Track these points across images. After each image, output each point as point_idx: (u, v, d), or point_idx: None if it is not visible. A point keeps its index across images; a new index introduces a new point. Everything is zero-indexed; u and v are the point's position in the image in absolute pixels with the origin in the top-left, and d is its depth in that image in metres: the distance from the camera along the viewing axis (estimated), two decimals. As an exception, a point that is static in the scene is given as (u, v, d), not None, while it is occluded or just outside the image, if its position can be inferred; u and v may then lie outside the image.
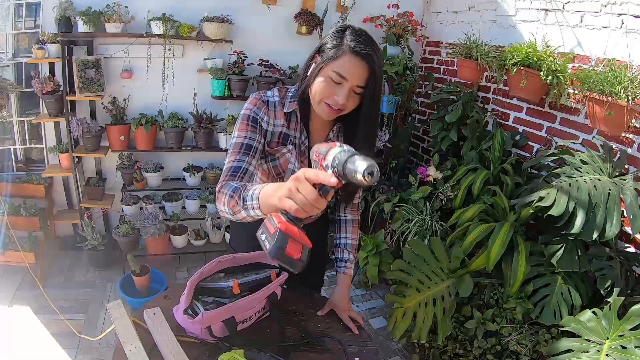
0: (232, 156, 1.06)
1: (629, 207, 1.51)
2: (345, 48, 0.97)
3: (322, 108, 1.03)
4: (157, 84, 2.67)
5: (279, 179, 1.15)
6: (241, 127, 1.09)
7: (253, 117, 1.10)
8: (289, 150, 1.13)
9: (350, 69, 0.97)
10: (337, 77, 0.98)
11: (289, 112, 1.12)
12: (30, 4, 2.47)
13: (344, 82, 0.98)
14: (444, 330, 1.77)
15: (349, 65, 0.97)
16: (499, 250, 1.72)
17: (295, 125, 1.13)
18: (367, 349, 1.08)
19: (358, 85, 0.99)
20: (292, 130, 1.14)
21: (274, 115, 1.12)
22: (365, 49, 0.97)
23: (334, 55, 0.98)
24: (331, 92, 1.00)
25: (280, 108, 1.12)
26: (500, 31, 2.44)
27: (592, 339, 1.41)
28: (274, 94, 1.13)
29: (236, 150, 1.06)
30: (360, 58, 0.96)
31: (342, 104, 1.00)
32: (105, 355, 1.99)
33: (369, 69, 0.97)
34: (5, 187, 2.45)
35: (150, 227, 2.52)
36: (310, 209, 0.72)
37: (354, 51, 0.96)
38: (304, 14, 2.73)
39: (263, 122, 1.10)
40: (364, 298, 2.69)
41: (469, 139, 2.40)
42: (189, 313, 1.01)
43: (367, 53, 0.97)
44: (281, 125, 1.12)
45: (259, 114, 1.10)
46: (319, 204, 0.72)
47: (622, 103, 1.60)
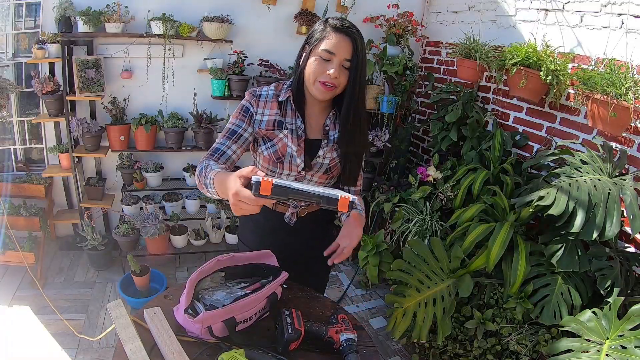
0: (219, 138, 1.20)
1: (629, 207, 1.51)
2: (328, 28, 1.12)
3: (317, 88, 1.14)
4: (157, 84, 2.67)
5: (279, 164, 1.22)
6: (234, 115, 1.23)
7: (246, 107, 1.22)
8: (285, 135, 1.20)
9: (336, 43, 1.10)
10: (326, 54, 1.11)
11: (283, 101, 1.21)
12: (30, 4, 2.47)
13: (332, 57, 1.11)
14: (444, 330, 1.77)
15: (334, 41, 1.10)
16: (499, 250, 1.72)
17: (291, 112, 1.21)
18: (367, 349, 1.08)
19: (346, 59, 1.11)
20: (289, 117, 1.21)
21: (265, 105, 1.22)
22: (346, 24, 1.11)
23: (320, 37, 1.12)
24: (323, 69, 1.11)
25: (274, 99, 1.22)
26: (500, 31, 2.44)
27: (592, 339, 1.41)
28: (270, 89, 1.24)
29: (223, 133, 1.21)
30: (343, 34, 1.10)
31: (335, 77, 1.10)
32: (105, 355, 1.99)
33: (352, 43, 1.10)
34: (5, 187, 2.45)
35: (150, 227, 2.52)
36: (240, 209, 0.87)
37: (336, 28, 1.11)
38: (303, 14, 2.73)
39: (255, 114, 1.21)
40: (364, 298, 2.69)
41: (469, 139, 2.40)
42: (189, 313, 1.01)
43: (348, 28, 1.11)
44: (275, 114, 1.21)
45: (251, 105, 1.22)
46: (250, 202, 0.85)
47: (627, 104, 1.60)
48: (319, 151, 1.23)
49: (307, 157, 1.22)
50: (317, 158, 1.23)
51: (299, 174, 1.23)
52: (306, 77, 1.15)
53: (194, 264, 2.84)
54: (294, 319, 1.00)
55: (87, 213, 2.61)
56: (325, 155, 1.23)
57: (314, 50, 1.13)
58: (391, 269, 1.98)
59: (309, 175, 1.24)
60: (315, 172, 1.24)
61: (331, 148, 1.24)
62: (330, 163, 1.24)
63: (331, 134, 1.24)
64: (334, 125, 1.24)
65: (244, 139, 1.20)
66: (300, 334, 0.98)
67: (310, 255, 1.32)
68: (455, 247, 1.86)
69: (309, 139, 1.23)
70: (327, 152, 1.23)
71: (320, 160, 1.23)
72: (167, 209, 2.76)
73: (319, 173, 1.25)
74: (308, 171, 1.23)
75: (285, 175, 1.23)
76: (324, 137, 1.24)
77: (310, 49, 1.14)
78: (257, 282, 1.13)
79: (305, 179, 1.24)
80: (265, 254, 1.21)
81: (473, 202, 2.09)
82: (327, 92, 1.14)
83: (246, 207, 0.85)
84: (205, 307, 1.02)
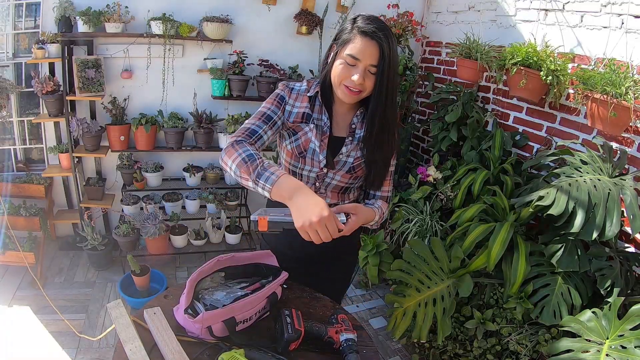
0: (253, 120, 1.16)
1: (629, 207, 1.51)
2: (355, 31, 1.07)
3: (342, 91, 1.11)
4: (157, 84, 2.67)
5: (301, 158, 1.21)
6: (268, 101, 1.21)
7: (282, 95, 1.22)
8: (310, 129, 1.19)
9: (362, 49, 1.05)
10: (351, 59, 1.07)
11: (312, 96, 1.21)
12: (30, 4, 2.47)
13: (357, 63, 1.07)
14: (444, 330, 1.77)
15: (360, 46, 1.06)
16: (499, 250, 1.72)
17: (319, 108, 1.21)
18: (367, 349, 1.08)
19: (372, 65, 1.07)
20: (316, 112, 1.21)
21: (296, 98, 1.22)
22: (373, 28, 1.05)
23: (347, 39, 1.08)
24: (348, 74, 1.08)
25: (305, 93, 1.22)
26: (500, 31, 2.44)
27: (592, 339, 1.41)
28: (302, 84, 1.24)
29: (257, 116, 1.17)
30: (369, 38, 1.05)
31: (359, 83, 1.07)
32: (105, 355, 1.99)
33: (379, 48, 1.05)
34: (5, 187, 2.45)
35: (150, 227, 2.52)
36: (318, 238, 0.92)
37: (362, 32, 1.06)
38: (303, 14, 2.73)
39: (287, 104, 1.21)
40: (364, 298, 2.69)
41: (469, 139, 2.40)
42: (189, 312, 1.01)
43: (374, 32, 1.04)
44: (304, 107, 1.21)
45: (285, 94, 1.22)
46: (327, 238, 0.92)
47: (627, 104, 1.60)
48: (342, 148, 1.21)
49: (330, 155, 1.20)
50: (340, 155, 1.20)
51: (320, 170, 1.20)
52: (332, 79, 1.13)
53: (194, 264, 2.84)
54: (294, 319, 1.00)
55: (87, 213, 2.61)
56: (349, 153, 1.21)
57: (340, 52, 1.10)
58: (391, 269, 1.98)
59: (331, 173, 1.22)
60: (338, 171, 1.21)
61: (356, 146, 1.21)
62: (354, 162, 1.21)
63: (357, 133, 1.22)
64: (361, 124, 1.22)
65: (277, 126, 1.19)
66: (300, 334, 0.98)
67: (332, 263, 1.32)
68: (455, 247, 1.86)
69: (334, 136, 1.22)
70: (351, 149, 1.21)
71: (344, 158, 1.21)
72: (167, 209, 2.76)
73: (341, 172, 1.22)
74: (330, 169, 1.21)
75: (307, 172, 1.21)
76: (350, 135, 1.22)
77: (337, 51, 1.11)
78: (257, 282, 1.13)
79: (328, 177, 1.22)
80: (266, 254, 1.20)
81: (473, 202, 2.09)
82: (352, 96, 1.11)
83: (324, 233, 0.89)
84: (205, 307, 1.02)
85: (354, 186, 1.28)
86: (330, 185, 1.24)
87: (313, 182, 1.23)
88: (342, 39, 1.10)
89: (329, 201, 1.27)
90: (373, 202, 1.27)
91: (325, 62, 1.17)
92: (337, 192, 1.26)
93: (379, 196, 1.29)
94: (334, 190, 1.25)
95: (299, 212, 0.91)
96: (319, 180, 1.23)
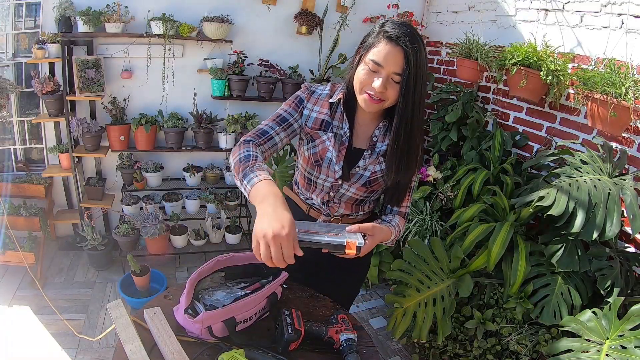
0: (268, 121, 1.14)
1: (629, 207, 1.51)
2: (381, 35, 1.00)
3: (363, 98, 1.05)
4: (157, 84, 2.67)
5: (317, 167, 1.17)
6: (287, 102, 1.18)
7: (301, 98, 1.18)
8: (328, 138, 1.14)
9: (385, 55, 0.99)
10: (374, 65, 1.00)
11: (334, 102, 1.14)
12: (30, 4, 2.47)
13: (380, 69, 1.00)
14: (444, 330, 1.77)
15: (383, 52, 0.99)
16: (499, 250, 1.72)
17: (340, 116, 1.15)
18: (367, 349, 1.08)
19: (395, 73, 0.99)
20: (337, 120, 1.15)
21: (316, 102, 1.16)
22: (399, 33, 0.97)
23: (372, 43, 1.02)
24: (370, 80, 1.02)
25: (326, 99, 1.16)
26: (500, 31, 2.44)
27: (592, 339, 1.41)
28: (325, 88, 1.18)
29: (273, 117, 1.15)
30: (394, 44, 0.98)
31: (380, 92, 1.01)
32: (105, 355, 1.98)
33: (404, 54, 0.97)
34: (5, 187, 2.45)
35: (150, 227, 2.51)
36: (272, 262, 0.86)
37: (388, 37, 0.98)
38: (304, 14, 2.73)
39: (305, 108, 1.17)
40: (364, 298, 2.69)
41: (469, 139, 2.41)
42: (189, 313, 1.01)
43: (400, 38, 0.97)
44: (324, 113, 1.15)
45: (304, 97, 1.17)
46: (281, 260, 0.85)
47: (627, 104, 1.60)
48: (359, 161, 1.14)
49: (346, 166, 1.14)
50: (357, 168, 1.15)
51: (335, 181, 1.16)
52: (355, 85, 1.07)
53: (194, 264, 2.84)
54: (294, 319, 1.00)
55: (87, 213, 2.61)
56: (367, 166, 1.15)
57: (364, 56, 1.03)
58: (391, 269, 1.98)
59: (346, 184, 1.16)
60: (353, 183, 1.16)
61: (375, 160, 1.14)
62: (372, 176, 1.15)
63: (378, 146, 1.15)
64: (383, 137, 1.15)
65: (292, 128, 1.15)
66: (300, 334, 0.98)
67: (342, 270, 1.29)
68: (455, 247, 1.86)
69: (354, 147, 1.16)
70: (369, 163, 1.14)
71: (360, 171, 1.15)
72: (167, 209, 2.76)
73: (357, 184, 1.16)
74: (345, 181, 1.16)
75: (322, 180, 1.18)
76: (369, 148, 1.15)
77: (362, 55, 1.04)
78: (257, 282, 1.13)
79: (343, 188, 1.17)
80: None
81: (473, 202, 2.09)
82: (373, 105, 1.04)
83: (277, 253, 0.83)
84: (205, 307, 1.02)
85: (369, 199, 1.23)
86: (344, 196, 1.20)
87: (327, 192, 1.19)
88: (367, 43, 1.03)
89: (342, 212, 1.23)
90: (390, 218, 1.20)
91: (350, 68, 1.11)
92: (351, 204, 1.22)
93: (396, 211, 1.22)
94: (348, 201, 1.21)
95: (259, 219, 0.86)
96: (333, 191, 1.18)
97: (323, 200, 1.22)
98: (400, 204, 1.21)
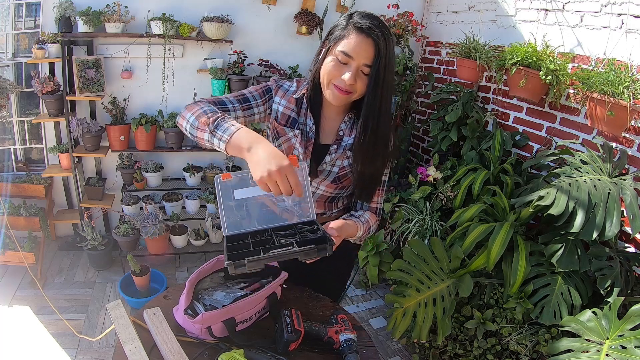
0: (229, 96, 1.09)
1: (629, 207, 1.51)
2: (350, 27, 0.98)
3: (331, 91, 1.03)
4: (157, 84, 2.67)
5: None
6: (254, 87, 1.14)
7: (269, 87, 1.14)
8: (295, 135, 1.12)
9: (355, 46, 0.97)
10: (343, 57, 0.98)
11: (299, 98, 1.12)
12: (30, 4, 2.47)
13: (350, 61, 0.98)
14: (444, 330, 1.77)
15: (354, 43, 0.97)
16: (499, 250, 1.72)
17: (305, 112, 1.12)
18: (367, 349, 1.08)
19: (365, 64, 0.98)
20: (302, 116, 1.12)
21: (283, 96, 1.14)
22: (370, 25, 0.96)
23: (340, 35, 0.99)
24: (338, 72, 0.99)
25: (292, 95, 1.14)
26: (500, 31, 2.44)
27: (592, 339, 1.41)
28: (292, 84, 1.16)
29: (236, 94, 1.10)
30: (364, 35, 0.96)
31: (350, 84, 0.99)
32: (105, 355, 1.99)
33: (374, 46, 0.96)
34: (5, 187, 2.45)
35: (150, 227, 2.52)
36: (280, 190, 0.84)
37: (358, 28, 0.97)
38: (304, 13, 2.73)
39: (274, 101, 1.14)
40: (364, 298, 2.69)
41: (469, 139, 2.40)
42: (189, 313, 1.01)
43: (371, 29, 0.96)
44: (291, 109, 1.13)
45: (272, 88, 1.14)
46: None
47: (625, 103, 1.60)
48: (325, 157, 1.12)
49: (314, 163, 1.12)
50: (324, 164, 1.12)
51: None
52: (321, 78, 1.04)
53: (194, 264, 2.84)
54: (293, 320, 1.00)
55: (87, 213, 2.61)
56: (334, 162, 1.13)
57: (332, 48, 1.00)
58: (391, 269, 1.98)
59: (315, 182, 1.15)
60: (322, 180, 1.14)
61: (342, 155, 1.12)
62: (340, 172, 1.13)
63: (345, 140, 1.13)
64: (349, 130, 1.13)
65: (251, 112, 1.11)
66: (300, 335, 0.98)
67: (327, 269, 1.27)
68: (455, 247, 1.86)
69: (320, 143, 1.13)
70: (337, 158, 1.12)
71: (328, 167, 1.13)
72: (167, 209, 2.76)
73: (326, 181, 1.15)
74: (314, 178, 1.14)
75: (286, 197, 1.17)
76: (335, 142, 1.13)
77: (329, 47, 1.02)
78: (256, 282, 1.13)
79: (312, 187, 1.15)
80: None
81: (473, 202, 2.09)
82: (341, 97, 1.02)
83: (284, 184, 0.82)
84: (205, 308, 1.02)
85: (341, 195, 1.21)
86: (315, 194, 1.18)
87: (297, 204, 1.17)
88: (335, 35, 1.01)
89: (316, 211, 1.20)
90: (360, 214, 1.18)
91: (315, 60, 1.08)
92: (323, 202, 1.20)
93: (367, 207, 1.20)
94: (319, 199, 1.19)
95: (257, 164, 0.84)
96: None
97: (290, 220, 1.16)
98: (370, 199, 1.19)
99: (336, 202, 1.23)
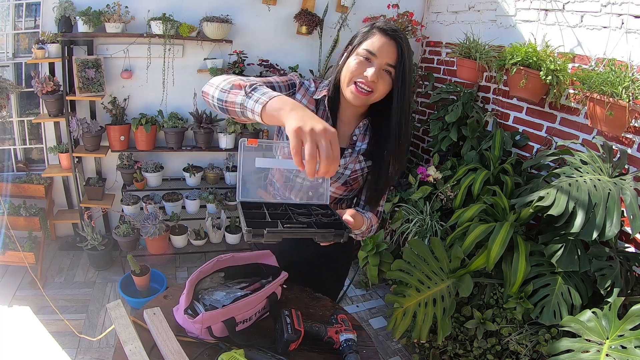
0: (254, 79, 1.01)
1: (629, 207, 1.51)
2: (375, 30, 1.03)
3: (351, 90, 1.05)
4: (157, 84, 2.67)
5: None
6: (278, 77, 1.12)
7: (293, 82, 1.14)
8: None
9: (380, 46, 1.01)
10: (367, 54, 1.02)
11: (318, 99, 1.14)
12: (30, 4, 2.47)
13: (373, 59, 1.02)
14: (444, 330, 1.77)
15: (378, 43, 1.02)
16: (498, 250, 1.72)
17: (323, 113, 1.14)
18: (367, 349, 1.08)
19: (388, 64, 1.02)
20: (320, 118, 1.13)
21: (304, 94, 1.14)
22: (393, 28, 1.03)
23: (364, 37, 1.04)
24: (361, 69, 1.03)
25: (312, 96, 1.15)
26: (500, 31, 2.44)
27: (592, 339, 1.41)
28: (311, 84, 1.17)
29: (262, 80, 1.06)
30: (389, 37, 1.01)
31: (372, 80, 1.01)
32: (105, 355, 1.99)
33: (397, 48, 1.01)
34: (5, 187, 2.45)
35: (150, 227, 2.52)
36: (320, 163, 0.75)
37: (382, 30, 1.02)
38: (304, 13, 2.73)
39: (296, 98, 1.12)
40: (364, 298, 2.69)
41: (469, 139, 2.41)
42: (189, 313, 1.01)
43: (395, 32, 1.02)
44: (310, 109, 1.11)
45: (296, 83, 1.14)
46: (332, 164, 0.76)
47: (624, 103, 1.60)
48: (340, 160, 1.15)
49: None
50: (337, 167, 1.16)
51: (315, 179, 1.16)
52: (342, 77, 1.07)
53: (194, 264, 2.84)
54: (293, 320, 1.00)
55: (87, 213, 2.61)
56: (347, 165, 1.16)
57: (355, 49, 1.05)
58: (391, 269, 1.98)
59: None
60: (333, 182, 1.17)
61: (355, 159, 1.15)
62: (352, 175, 1.17)
63: (358, 145, 1.16)
64: (363, 136, 1.16)
65: None
66: (300, 335, 0.98)
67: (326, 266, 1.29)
68: (455, 247, 1.86)
69: None
70: (350, 162, 1.15)
71: (341, 170, 1.15)
72: (167, 209, 2.76)
73: (337, 184, 1.17)
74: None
75: (301, 179, 1.17)
76: (349, 147, 1.15)
77: (352, 49, 1.06)
78: (256, 282, 1.13)
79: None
80: (265, 254, 1.20)
81: (473, 202, 2.09)
82: (361, 97, 1.04)
83: (326, 147, 0.74)
84: (205, 308, 1.02)
85: (347, 198, 1.24)
86: None
87: (306, 191, 1.19)
88: (358, 38, 1.06)
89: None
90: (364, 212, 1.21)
91: (337, 64, 1.11)
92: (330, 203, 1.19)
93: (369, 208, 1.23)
94: None
95: (300, 118, 0.76)
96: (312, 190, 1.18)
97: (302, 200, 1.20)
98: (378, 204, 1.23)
99: (341, 203, 1.26)
